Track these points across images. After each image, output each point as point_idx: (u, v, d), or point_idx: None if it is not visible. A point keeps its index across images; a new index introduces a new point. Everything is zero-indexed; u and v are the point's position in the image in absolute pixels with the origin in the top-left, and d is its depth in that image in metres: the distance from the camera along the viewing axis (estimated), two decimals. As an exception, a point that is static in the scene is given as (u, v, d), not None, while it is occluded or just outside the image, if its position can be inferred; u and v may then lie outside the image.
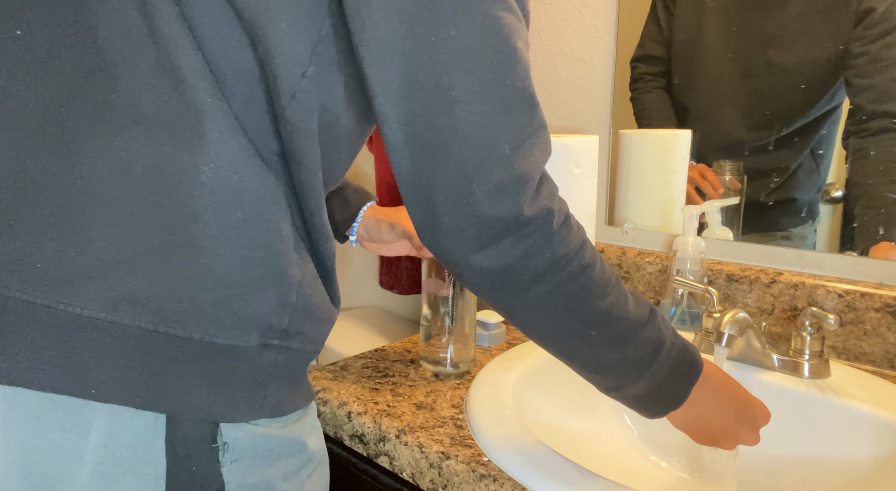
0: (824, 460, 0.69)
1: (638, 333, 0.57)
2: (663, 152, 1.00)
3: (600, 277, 0.55)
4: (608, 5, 1.03)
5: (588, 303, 0.55)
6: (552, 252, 0.52)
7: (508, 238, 0.51)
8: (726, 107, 0.93)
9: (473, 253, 0.51)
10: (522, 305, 0.54)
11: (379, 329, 1.40)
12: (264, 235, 0.53)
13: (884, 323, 0.80)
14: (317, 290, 0.58)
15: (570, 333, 0.56)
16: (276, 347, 0.55)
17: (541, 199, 0.51)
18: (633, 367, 0.58)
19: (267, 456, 0.56)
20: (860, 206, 0.82)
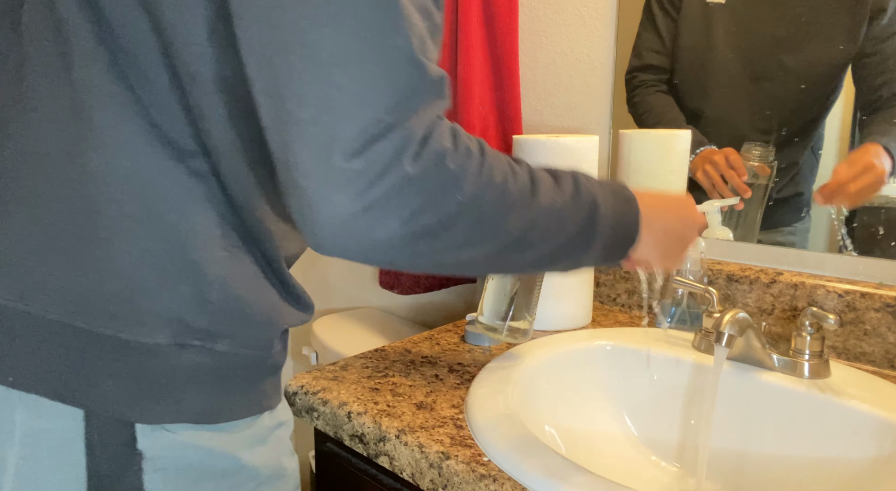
0: (824, 460, 0.69)
1: (571, 208, 0.55)
2: (663, 152, 1.00)
3: (521, 181, 0.52)
4: (608, 5, 1.03)
5: (514, 213, 0.51)
6: (459, 192, 0.47)
7: (404, 203, 0.45)
8: (738, 111, 0.93)
9: (377, 232, 0.45)
10: (453, 250, 0.49)
11: (379, 329, 1.40)
12: (170, 229, 0.50)
13: (884, 323, 0.80)
14: (254, 291, 0.54)
15: (509, 248, 0.52)
16: (196, 347, 0.52)
17: (427, 151, 0.45)
18: (579, 239, 0.56)
19: (194, 469, 0.54)
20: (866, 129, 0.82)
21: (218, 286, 0.52)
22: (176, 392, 0.52)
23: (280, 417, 0.62)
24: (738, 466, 0.75)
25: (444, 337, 0.92)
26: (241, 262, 0.54)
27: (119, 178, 0.50)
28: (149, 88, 0.50)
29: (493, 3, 1.09)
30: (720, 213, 0.96)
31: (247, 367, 0.56)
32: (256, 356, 0.56)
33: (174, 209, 0.51)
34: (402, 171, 0.44)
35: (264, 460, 0.58)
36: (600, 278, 1.05)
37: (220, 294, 0.52)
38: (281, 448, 0.61)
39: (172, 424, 0.52)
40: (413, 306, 1.48)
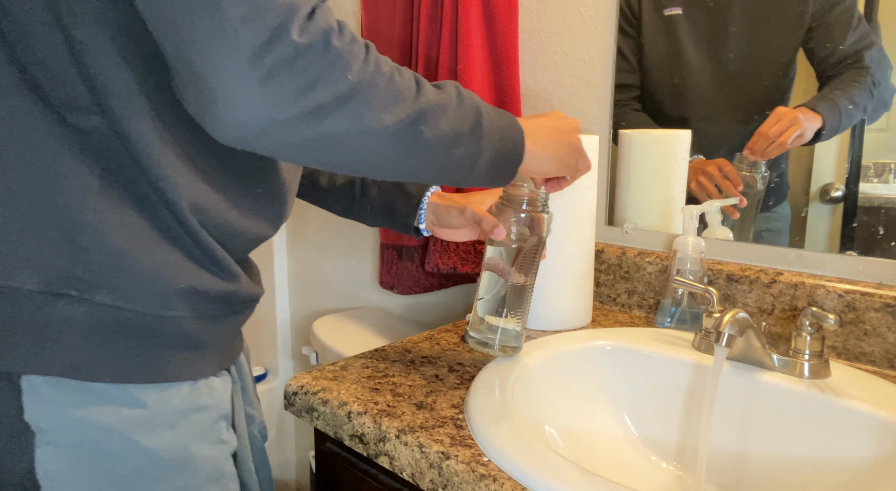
0: (824, 460, 0.69)
1: (457, 108, 0.57)
2: (663, 152, 1.00)
3: (407, 77, 0.54)
4: (608, 5, 1.03)
5: (403, 102, 0.53)
6: (348, 70, 0.49)
7: (295, 74, 0.46)
8: (716, 109, 0.95)
9: (274, 108, 0.46)
10: (347, 136, 0.50)
11: (379, 329, 1.40)
12: (39, 174, 0.51)
13: (884, 323, 0.80)
14: (138, 243, 0.54)
15: (402, 139, 0.53)
16: (73, 297, 0.52)
17: (313, 26, 0.47)
18: (469, 140, 0.59)
19: (88, 444, 0.53)
20: None
21: (90, 233, 0.52)
22: (51, 342, 0.52)
23: (201, 401, 0.60)
24: (738, 466, 0.75)
25: (444, 337, 0.92)
26: (125, 213, 0.54)
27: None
28: (26, 41, 0.52)
29: (493, 3, 1.09)
30: (720, 214, 0.96)
31: (137, 325, 0.55)
32: (148, 316, 0.55)
33: (41, 158, 0.52)
34: (291, 41, 0.46)
35: (167, 445, 0.57)
36: (600, 278, 1.05)
37: (92, 241, 0.52)
38: (194, 434, 0.59)
39: (50, 385, 0.52)
40: (413, 306, 1.48)
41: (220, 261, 0.60)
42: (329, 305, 1.69)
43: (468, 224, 0.81)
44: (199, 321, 0.59)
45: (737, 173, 0.94)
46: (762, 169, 0.92)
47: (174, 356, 0.58)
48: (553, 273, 0.92)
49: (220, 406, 0.63)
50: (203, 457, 0.61)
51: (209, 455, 0.61)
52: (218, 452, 0.63)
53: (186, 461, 0.59)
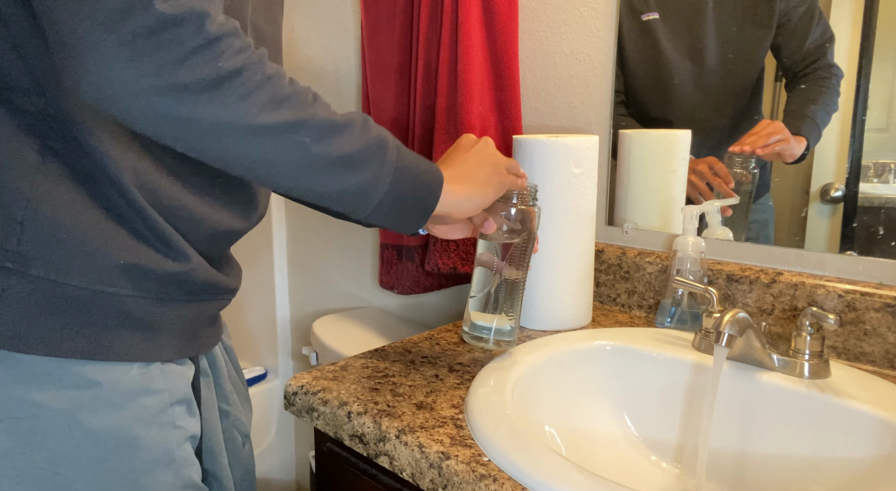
0: (824, 460, 0.69)
1: (359, 132, 0.56)
2: (663, 152, 1.00)
3: (299, 87, 0.54)
4: (608, 5, 1.03)
5: (289, 106, 0.52)
6: (220, 54, 0.48)
7: (158, 42, 0.46)
8: (698, 108, 0.96)
9: (130, 74, 0.46)
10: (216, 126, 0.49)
11: (379, 329, 1.40)
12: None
13: (884, 323, 0.80)
14: (76, 217, 0.55)
15: (282, 147, 0.52)
16: (7, 269, 0.53)
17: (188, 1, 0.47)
18: (365, 167, 0.57)
19: (30, 423, 0.53)
20: None
21: (24, 206, 0.53)
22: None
23: (153, 385, 0.59)
24: (738, 466, 0.75)
25: (444, 337, 0.92)
26: (65, 188, 0.54)
27: None
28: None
29: (493, 3, 1.09)
30: (720, 214, 0.96)
31: (75, 300, 0.55)
32: (87, 290, 0.55)
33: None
34: (153, 9, 0.45)
35: (109, 426, 0.56)
36: (600, 278, 1.05)
37: (27, 214, 0.53)
38: (142, 417, 0.58)
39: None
40: (413, 306, 1.48)
41: (169, 240, 0.59)
42: (329, 305, 1.69)
43: (460, 220, 0.81)
44: (147, 302, 0.59)
45: (727, 171, 0.94)
46: (751, 164, 0.92)
47: (119, 335, 0.57)
48: (553, 273, 0.92)
49: (173, 391, 0.62)
50: (150, 439, 0.59)
51: (157, 438, 0.60)
52: (168, 436, 0.61)
53: (130, 443, 0.58)
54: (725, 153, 0.94)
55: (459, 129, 1.12)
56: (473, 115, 1.11)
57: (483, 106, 1.12)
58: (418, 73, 1.20)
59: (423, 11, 1.18)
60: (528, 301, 0.94)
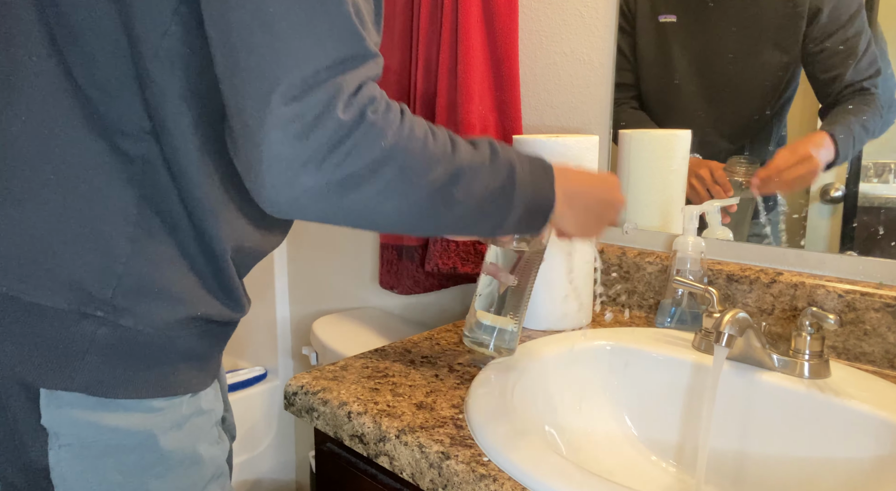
0: (824, 460, 0.69)
1: (490, 167, 0.59)
2: (663, 152, 1.00)
3: (441, 140, 0.56)
4: (608, 5, 1.03)
5: (437, 164, 0.55)
6: (383, 138, 0.51)
7: (337, 147, 0.49)
8: (703, 120, 0.96)
9: (308, 173, 0.49)
10: (381, 199, 0.53)
11: (379, 329, 1.40)
12: (82, 200, 0.54)
13: (884, 323, 0.80)
14: (167, 273, 0.56)
15: (434, 201, 0.55)
16: (98, 318, 0.54)
17: (357, 102, 0.50)
18: (501, 198, 0.60)
19: (99, 447, 0.55)
20: None
21: (125, 262, 0.55)
22: (74, 360, 0.54)
23: (202, 405, 0.62)
24: (738, 466, 0.75)
25: (444, 337, 0.92)
26: (158, 242, 0.56)
27: (37, 145, 0.53)
28: (91, 68, 0.54)
29: (493, 3, 1.09)
30: (720, 214, 0.96)
31: (151, 345, 0.57)
32: (162, 336, 0.57)
33: (88, 182, 0.54)
34: (336, 118, 0.48)
35: (176, 445, 0.59)
36: (600, 278, 1.05)
37: (125, 269, 0.55)
38: (198, 436, 0.61)
39: (70, 395, 0.54)
40: (413, 306, 1.48)
41: (232, 292, 0.62)
42: (329, 305, 1.69)
43: None
44: (204, 340, 0.62)
45: (727, 179, 0.94)
46: (756, 169, 0.92)
47: (184, 370, 0.60)
48: (553, 273, 0.92)
49: (215, 411, 0.65)
50: (208, 456, 0.63)
51: (212, 454, 0.63)
52: (219, 452, 0.65)
53: (195, 460, 0.61)
54: (729, 158, 0.94)
55: (459, 129, 1.12)
56: (473, 114, 1.11)
57: (483, 106, 1.12)
58: (418, 73, 1.20)
59: (423, 11, 1.17)
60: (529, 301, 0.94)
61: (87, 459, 0.55)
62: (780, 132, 0.89)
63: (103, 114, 0.54)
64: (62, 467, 0.55)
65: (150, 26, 0.52)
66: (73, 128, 0.54)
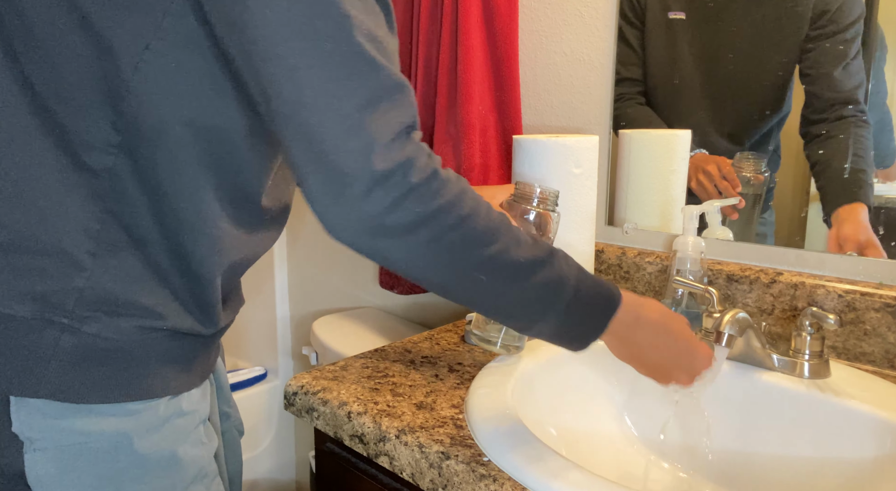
0: (824, 460, 0.69)
1: (533, 274, 0.57)
2: (663, 152, 1.00)
3: (485, 226, 0.55)
4: (608, 5, 1.03)
5: (473, 251, 0.54)
6: (420, 204, 0.51)
7: (371, 194, 0.50)
8: (706, 119, 0.96)
9: (341, 218, 0.51)
10: (405, 256, 0.53)
11: (379, 329, 1.40)
12: (41, 214, 0.54)
13: (884, 323, 0.80)
14: (131, 287, 0.56)
15: (458, 280, 0.55)
16: (62, 325, 0.55)
17: (394, 154, 0.50)
18: (535, 307, 0.58)
19: (73, 450, 0.55)
20: (823, 179, 0.86)
21: (87, 276, 0.55)
22: (39, 367, 0.54)
23: (183, 406, 0.62)
24: (738, 466, 0.75)
25: (444, 337, 0.92)
26: (123, 257, 0.56)
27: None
28: (54, 81, 0.53)
29: (493, 3, 1.09)
30: (720, 214, 0.96)
31: (118, 350, 0.57)
32: (130, 341, 0.57)
33: (46, 197, 0.54)
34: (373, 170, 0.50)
35: (152, 448, 0.59)
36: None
37: (89, 283, 0.55)
38: (178, 437, 0.61)
39: (38, 401, 0.54)
40: (413, 306, 1.48)
41: (209, 308, 0.62)
42: (329, 305, 1.69)
43: None
44: (179, 344, 0.61)
45: (735, 174, 0.94)
46: (762, 167, 0.92)
47: (159, 375, 0.60)
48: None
49: (199, 411, 0.65)
50: (188, 457, 0.62)
51: (193, 455, 0.63)
52: (201, 453, 0.64)
53: (172, 462, 0.61)
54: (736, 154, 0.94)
55: (459, 129, 1.12)
56: (473, 115, 1.11)
57: (483, 106, 1.12)
58: (418, 73, 1.20)
59: (422, 11, 1.18)
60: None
61: (63, 462, 0.55)
62: (778, 141, 0.90)
63: (67, 127, 0.54)
64: (38, 470, 0.55)
65: (128, 39, 0.52)
66: (32, 143, 0.54)
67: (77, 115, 0.54)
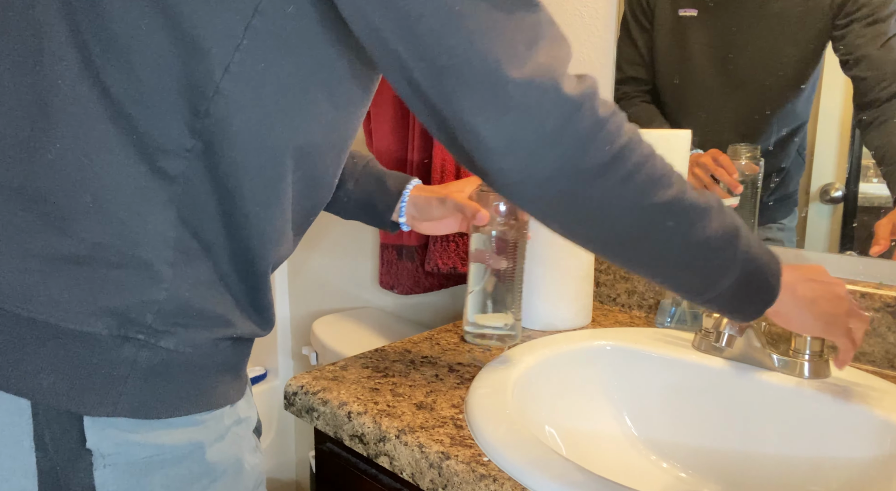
0: (824, 460, 0.69)
1: (712, 216, 0.55)
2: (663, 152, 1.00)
3: (662, 166, 0.54)
4: (608, 5, 1.03)
5: (659, 190, 0.53)
6: (612, 139, 0.50)
7: (562, 129, 0.49)
8: (719, 118, 0.95)
9: (533, 163, 0.49)
10: (594, 206, 0.52)
11: (379, 329, 1.40)
12: (120, 225, 0.52)
13: (884, 323, 0.80)
14: (205, 297, 0.56)
15: (648, 227, 0.54)
16: (139, 341, 0.53)
17: (580, 83, 0.50)
18: (720, 254, 0.56)
19: (145, 463, 0.55)
20: (887, 164, 0.82)
21: (167, 287, 0.54)
22: (116, 385, 0.53)
23: (240, 413, 0.62)
24: (738, 466, 0.75)
25: (444, 337, 0.92)
26: (196, 265, 0.55)
27: (74, 173, 0.52)
28: (131, 83, 0.52)
29: (493, 3, 1.09)
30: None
31: (191, 364, 0.56)
32: (201, 354, 0.57)
33: (126, 207, 0.53)
34: (565, 98, 0.49)
35: (220, 457, 0.59)
36: (600, 278, 1.05)
37: (168, 295, 0.54)
38: (241, 444, 0.61)
39: (112, 418, 0.53)
40: (413, 306, 1.48)
41: (266, 311, 0.62)
42: (329, 305, 1.69)
43: (450, 213, 0.81)
44: (236, 352, 0.62)
45: (730, 161, 0.93)
46: (757, 155, 0.92)
47: (221, 383, 0.60)
48: (553, 273, 0.92)
49: (251, 418, 0.65)
50: (249, 465, 0.63)
51: (254, 462, 0.63)
52: (258, 460, 0.64)
53: (238, 470, 0.61)
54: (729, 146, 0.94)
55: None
56: (473, 115, 1.11)
57: (483, 106, 1.12)
58: (418, 73, 1.20)
59: (423, 11, 1.17)
60: (529, 301, 0.94)
61: (134, 477, 0.55)
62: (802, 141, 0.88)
63: (143, 132, 0.52)
64: (108, 487, 0.54)
65: (220, 39, 0.51)
66: (110, 152, 0.52)
67: (155, 120, 0.52)
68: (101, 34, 0.51)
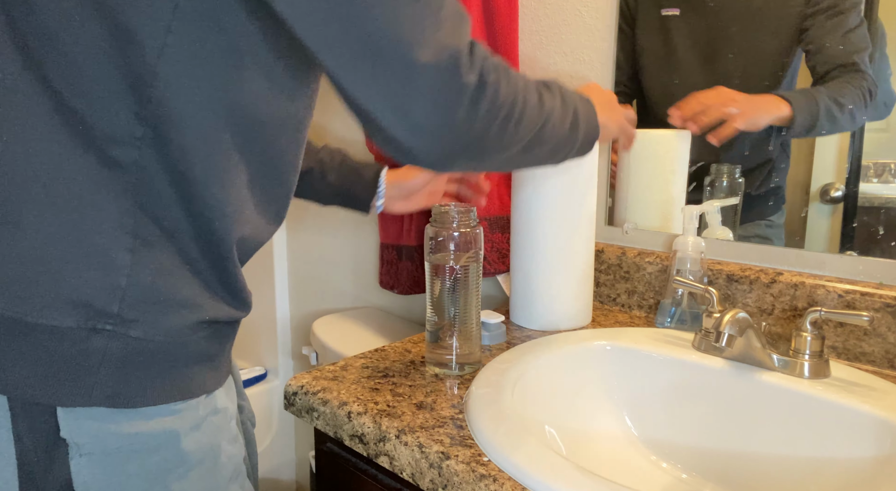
0: (824, 460, 0.69)
1: (566, 114, 0.68)
2: (663, 152, 1.00)
3: (532, 105, 0.62)
4: (608, 5, 1.03)
5: (535, 128, 0.63)
6: (505, 107, 0.57)
7: (467, 112, 0.54)
8: None
9: (440, 142, 0.54)
10: (490, 159, 0.60)
11: (379, 329, 1.40)
12: (75, 215, 0.53)
13: (884, 323, 0.80)
14: (171, 281, 0.56)
15: (527, 152, 0.64)
16: (108, 332, 0.54)
17: (476, 61, 0.54)
18: (571, 133, 0.70)
19: (120, 453, 0.55)
20: None
21: (128, 273, 0.54)
22: (88, 376, 0.53)
23: (217, 404, 0.62)
24: (738, 465, 0.75)
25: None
26: (158, 250, 0.56)
27: (23, 165, 0.52)
28: (73, 76, 0.52)
29: (493, 3, 1.09)
30: (720, 214, 0.96)
31: (163, 352, 0.57)
32: (174, 342, 0.57)
33: (80, 197, 0.53)
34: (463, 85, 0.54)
35: (196, 446, 0.59)
36: (600, 278, 1.05)
37: (130, 281, 0.54)
38: (218, 434, 0.61)
39: (87, 408, 0.54)
40: (413, 306, 1.48)
41: (239, 292, 0.62)
42: (329, 305, 1.69)
43: (427, 177, 0.93)
44: (214, 341, 0.62)
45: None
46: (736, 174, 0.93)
47: (197, 372, 0.60)
48: (553, 273, 0.92)
49: (230, 408, 0.65)
50: (226, 455, 0.63)
51: (230, 453, 0.63)
52: (236, 450, 0.65)
53: (214, 459, 0.61)
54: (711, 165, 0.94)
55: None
56: (473, 114, 1.11)
57: (483, 106, 1.12)
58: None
59: (423, 11, 1.17)
60: (529, 301, 0.94)
61: (110, 466, 0.55)
62: (782, 129, 0.89)
63: (90, 123, 0.53)
64: (84, 476, 0.55)
65: (149, 24, 0.51)
66: (57, 143, 0.53)
67: (99, 110, 0.53)
68: (38, 28, 0.52)
